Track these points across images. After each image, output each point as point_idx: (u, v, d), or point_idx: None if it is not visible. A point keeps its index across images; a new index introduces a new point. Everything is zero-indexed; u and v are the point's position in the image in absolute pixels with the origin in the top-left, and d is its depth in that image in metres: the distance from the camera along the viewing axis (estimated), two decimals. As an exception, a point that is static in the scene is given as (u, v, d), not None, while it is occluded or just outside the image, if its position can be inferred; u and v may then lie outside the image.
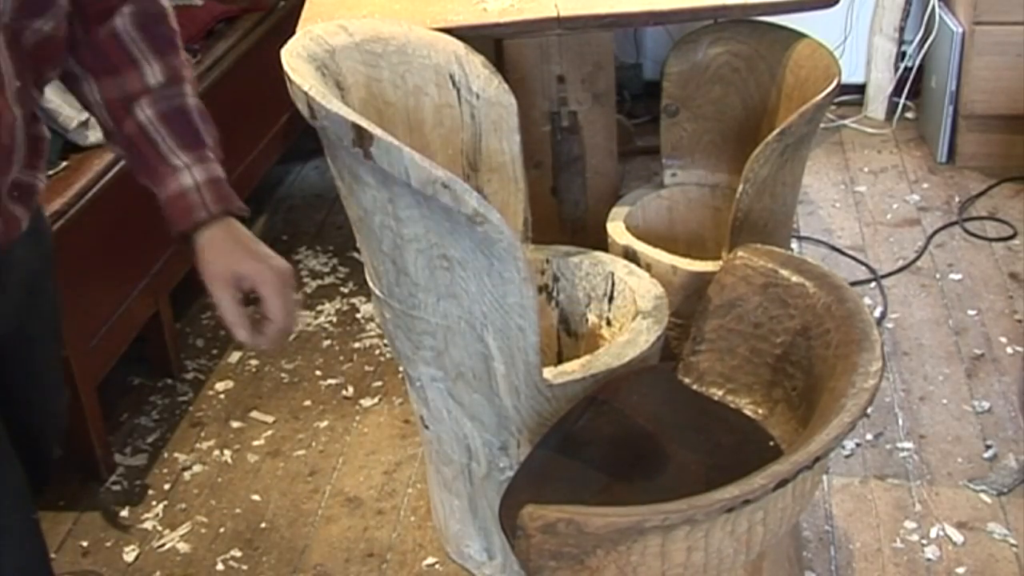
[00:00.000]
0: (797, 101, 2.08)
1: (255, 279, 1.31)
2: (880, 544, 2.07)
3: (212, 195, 1.33)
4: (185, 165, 1.33)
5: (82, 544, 2.20)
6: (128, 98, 1.35)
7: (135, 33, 1.36)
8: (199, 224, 1.32)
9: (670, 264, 2.08)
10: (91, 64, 1.35)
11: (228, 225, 1.34)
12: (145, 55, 1.35)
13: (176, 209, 1.33)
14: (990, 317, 2.68)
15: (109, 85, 1.35)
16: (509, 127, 2.06)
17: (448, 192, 1.54)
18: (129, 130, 1.35)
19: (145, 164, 1.35)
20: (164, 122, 1.34)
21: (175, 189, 1.33)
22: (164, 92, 1.35)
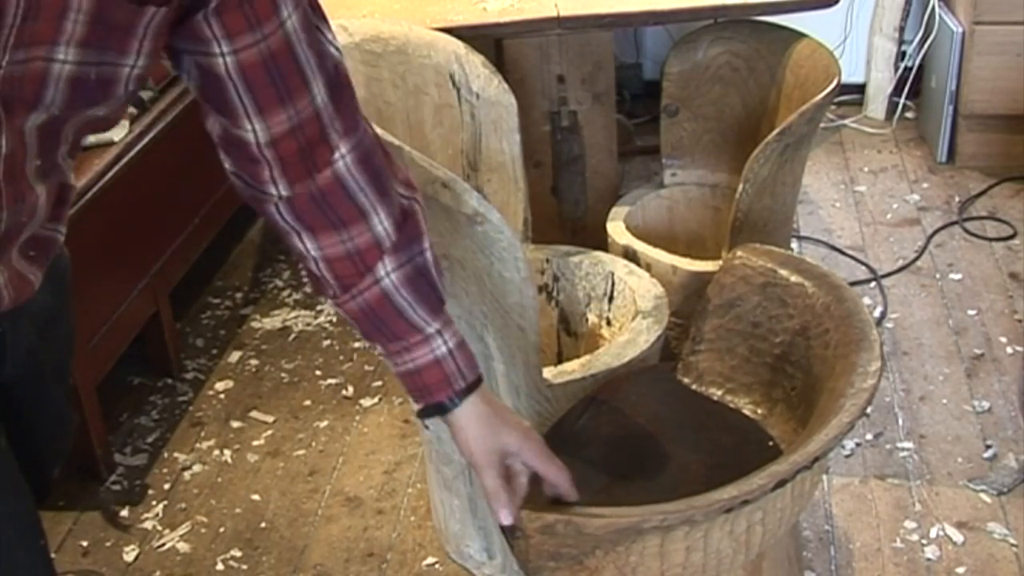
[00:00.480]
0: (797, 101, 2.08)
1: (523, 454, 1.27)
2: (880, 544, 2.07)
3: (465, 362, 1.25)
4: (437, 332, 1.23)
5: (82, 544, 2.20)
6: (361, 257, 1.20)
7: (361, 177, 1.18)
8: (457, 394, 1.25)
9: (670, 264, 2.08)
10: (308, 219, 1.18)
11: (483, 394, 1.26)
12: (373, 204, 1.18)
13: (431, 381, 1.24)
14: (990, 317, 2.68)
15: (332, 241, 1.20)
16: (509, 127, 2.06)
17: (448, 192, 1.55)
18: (369, 296, 1.22)
19: (387, 331, 1.23)
20: (410, 287, 1.21)
21: (429, 359, 1.24)
22: (405, 251, 1.21)
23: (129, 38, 1.02)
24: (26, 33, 0.97)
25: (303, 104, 1.12)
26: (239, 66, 1.08)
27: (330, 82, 1.15)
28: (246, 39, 1.07)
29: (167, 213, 2.62)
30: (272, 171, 1.16)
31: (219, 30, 1.07)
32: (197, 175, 2.76)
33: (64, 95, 1.03)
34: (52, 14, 0.97)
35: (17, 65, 0.99)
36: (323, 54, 1.14)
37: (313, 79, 1.13)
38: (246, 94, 1.10)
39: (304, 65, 1.12)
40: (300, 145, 1.14)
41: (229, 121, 1.13)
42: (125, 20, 1.01)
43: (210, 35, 1.07)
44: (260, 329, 2.84)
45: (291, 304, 2.93)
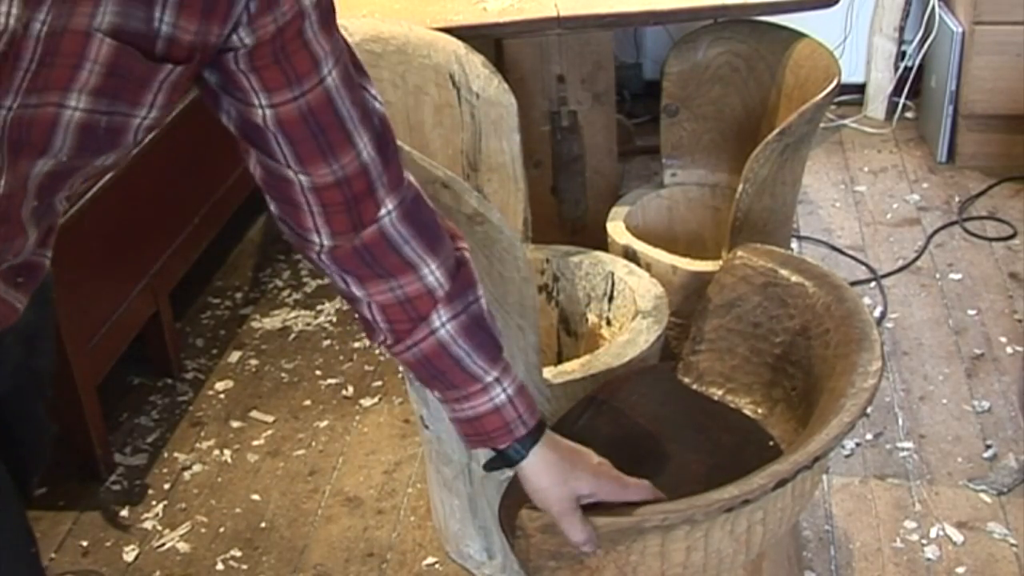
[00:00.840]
0: (797, 101, 2.08)
1: (598, 495, 1.26)
2: (880, 544, 2.07)
3: (525, 407, 1.24)
4: (496, 380, 1.23)
5: (82, 544, 2.20)
6: (412, 305, 1.20)
7: (407, 231, 1.17)
8: (519, 440, 1.25)
9: (670, 264, 2.08)
10: (354, 270, 1.19)
11: (549, 440, 1.26)
12: (421, 256, 1.18)
13: (491, 429, 1.24)
14: (990, 317, 2.68)
15: (381, 288, 1.19)
16: (509, 127, 2.06)
17: (448, 191, 1.55)
18: (425, 346, 1.21)
19: (445, 380, 1.23)
20: (466, 336, 1.20)
21: (488, 407, 1.23)
22: (460, 300, 1.21)
23: (143, 91, 1.01)
24: (41, 78, 0.96)
25: (348, 159, 1.11)
26: (278, 120, 1.08)
27: (376, 137, 1.13)
28: (285, 95, 1.06)
29: (167, 213, 2.62)
30: (315, 219, 1.15)
31: (257, 83, 1.05)
32: (197, 175, 2.76)
33: (73, 142, 1.02)
34: (68, 62, 0.96)
35: (28, 109, 0.98)
36: (367, 110, 1.13)
37: (357, 134, 1.11)
38: (287, 146, 1.09)
39: (347, 120, 1.10)
40: (346, 198, 1.13)
41: (271, 161, 1.12)
42: (141, 74, 1.00)
43: (248, 86, 1.06)
44: (260, 329, 2.84)
45: (291, 304, 2.93)
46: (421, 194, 1.20)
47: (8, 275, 1.20)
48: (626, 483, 1.27)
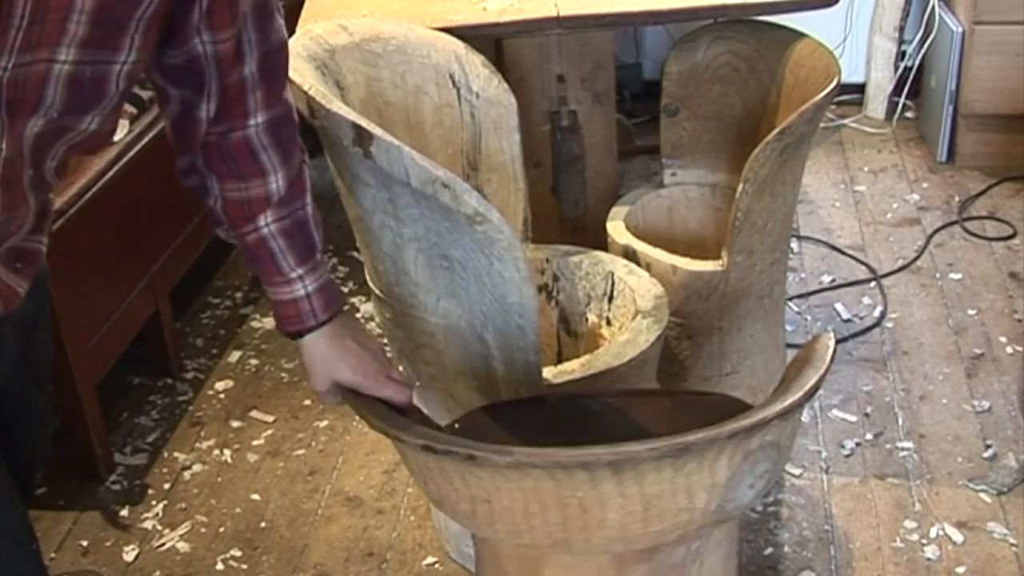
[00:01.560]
0: (797, 101, 2.08)
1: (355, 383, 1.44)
2: (880, 544, 2.07)
3: (321, 303, 1.41)
4: (299, 276, 1.40)
5: (82, 544, 2.20)
6: (250, 206, 1.37)
7: (267, 141, 1.35)
8: (309, 330, 1.42)
9: (670, 264, 2.08)
10: (218, 168, 1.35)
11: (332, 331, 1.43)
12: (273, 165, 1.35)
13: (288, 315, 1.42)
14: (990, 317, 2.68)
15: (232, 189, 1.36)
16: (509, 127, 2.05)
17: (448, 191, 1.54)
18: (249, 239, 1.39)
19: (260, 267, 1.41)
20: (284, 235, 1.38)
21: (288, 297, 1.41)
22: (288, 206, 1.38)
23: (122, 34, 1.08)
24: (33, 35, 1.00)
25: (234, 73, 1.27)
26: (216, 54, 1.22)
27: (262, 58, 1.28)
28: (226, 32, 1.21)
29: (167, 213, 2.62)
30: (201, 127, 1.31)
31: (205, 25, 1.19)
32: (197, 175, 2.76)
33: (63, 96, 1.07)
34: (57, 16, 1.00)
35: (22, 68, 1.01)
36: (270, 32, 1.28)
37: (249, 54, 1.27)
38: (215, 77, 1.25)
39: (244, 44, 1.26)
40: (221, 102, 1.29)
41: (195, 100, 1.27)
42: (121, 15, 1.06)
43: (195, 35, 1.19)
44: (260, 329, 2.84)
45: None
46: (291, 112, 1.36)
47: (7, 260, 1.24)
48: (384, 383, 1.44)
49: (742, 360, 2.19)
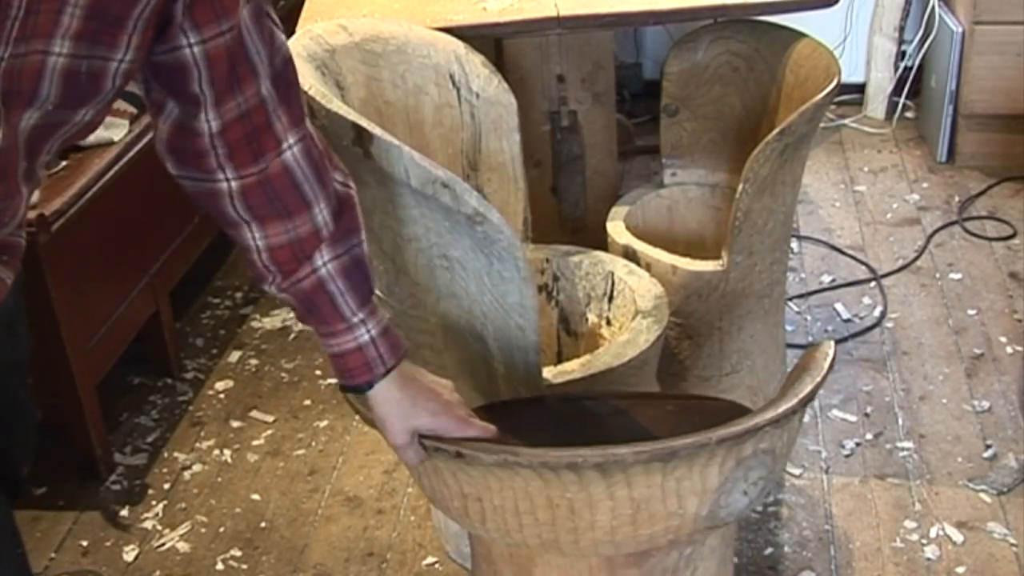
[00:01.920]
0: (797, 101, 2.08)
1: (438, 429, 1.34)
2: (880, 544, 2.07)
3: (387, 348, 1.33)
4: (361, 321, 1.31)
5: (82, 544, 2.20)
6: (302, 246, 1.27)
7: (306, 167, 1.26)
8: (377, 378, 1.33)
9: (670, 264, 2.08)
10: (261, 209, 1.25)
11: (401, 376, 1.34)
12: (316, 195, 1.26)
13: (352, 364, 1.32)
14: (990, 317, 2.68)
15: (278, 232, 1.27)
16: (509, 127, 2.06)
17: (448, 191, 1.55)
18: (306, 283, 1.29)
19: (319, 316, 1.31)
20: (343, 276, 1.29)
21: (351, 345, 1.31)
22: (343, 243, 1.29)
23: (120, 32, 1.07)
24: (28, 26, 1.00)
25: (252, 92, 1.19)
26: (206, 55, 1.15)
27: (275, 76, 1.22)
28: (213, 30, 1.14)
29: (167, 213, 2.62)
30: (220, 160, 1.21)
31: (189, 23, 1.13)
32: (197, 175, 2.76)
33: (58, 89, 1.07)
34: (52, 8, 1.01)
35: (17, 59, 1.02)
36: (274, 47, 1.22)
37: (261, 68, 1.20)
38: (208, 85, 1.16)
39: (254, 55, 1.19)
40: (247, 131, 1.21)
41: (190, 110, 1.19)
42: (118, 12, 1.05)
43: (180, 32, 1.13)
44: (260, 329, 2.84)
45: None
46: (313, 134, 1.28)
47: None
48: (468, 424, 1.34)
49: (742, 360, 2.19)
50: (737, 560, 2.05)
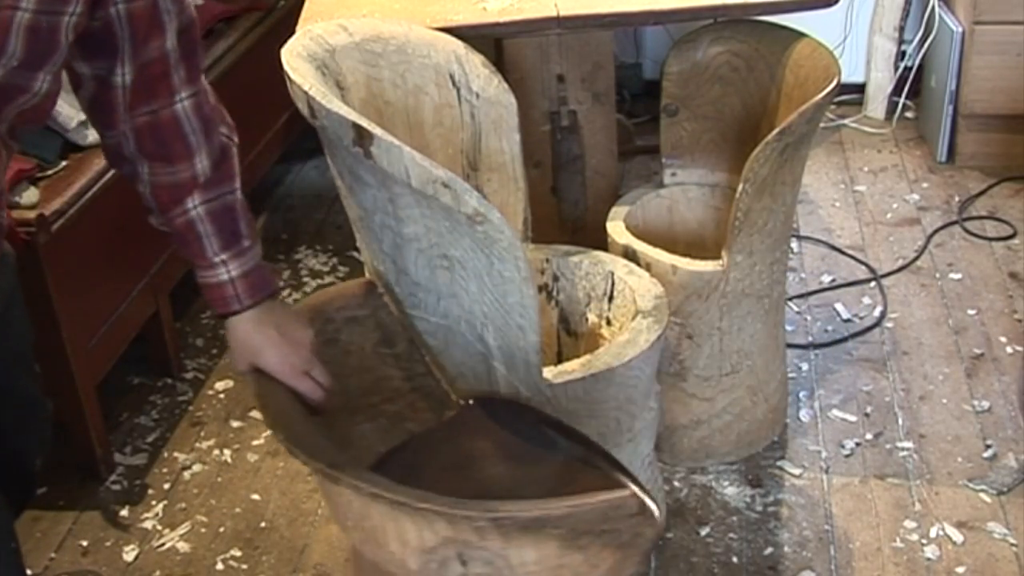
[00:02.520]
0: (797, 101, 2.08)
1: (273, 372, 1.51)
2: (880, 544, 2.07)
3: (245, 289, 1.48)
4: (222, 262, 1.46)
5: (82, 544, 2.20)
6: (178, 189, 1.43)
7: (194, 119, 1.41)
8: (233, 313, 1.49)
9: (670, 264, 2.08)
10: (148, 149, 1.41)
11: (258, 317, 1.49)
12: (199, 145, 1.42)
13: (213, 296, 1.49)
14: (990, 317, 2.68)
15: (161, 172, 1.42)
16: (509, 127, 2.06)
17: (448, 191, 1.55)
18: (178, 222, 1.45)
19: (188, 251, 1.48)
20: (211, 220, 1.45)
21: (214, 281, 1.48)
22: (215, 189, 1.45)
23: None
24: None
25: (157, 45, 1.35)
26: (129, 13, 1.30)
27: (180, 33, 1.37)
28: None
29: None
30: (126, 106, 1.38)
31: None
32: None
33: (23, 44, 1.18)
34: None
35: None
36: (182, 9, 1.37)
37: (169, 24, 1.35)
38: (128, 40, 1.32)
39: (164, 15, 1.34)
40: (146, 78, 1.37)
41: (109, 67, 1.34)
42: None
43: None
44: (260, 329, 2.83)
45: (291, 304, 2.93)
46: (208, 91, 1.44)
47: None
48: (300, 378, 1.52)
49: (742, 360, 2.19)
50: (737, 560, 2.05)
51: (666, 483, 2.22)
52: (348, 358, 1.70)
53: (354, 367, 1.70)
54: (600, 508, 1.27)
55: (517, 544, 1.29)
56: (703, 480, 2.24)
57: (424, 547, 1.32)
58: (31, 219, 2.06)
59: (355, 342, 1.72)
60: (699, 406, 2.21)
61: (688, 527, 2.13)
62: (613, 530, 1.30)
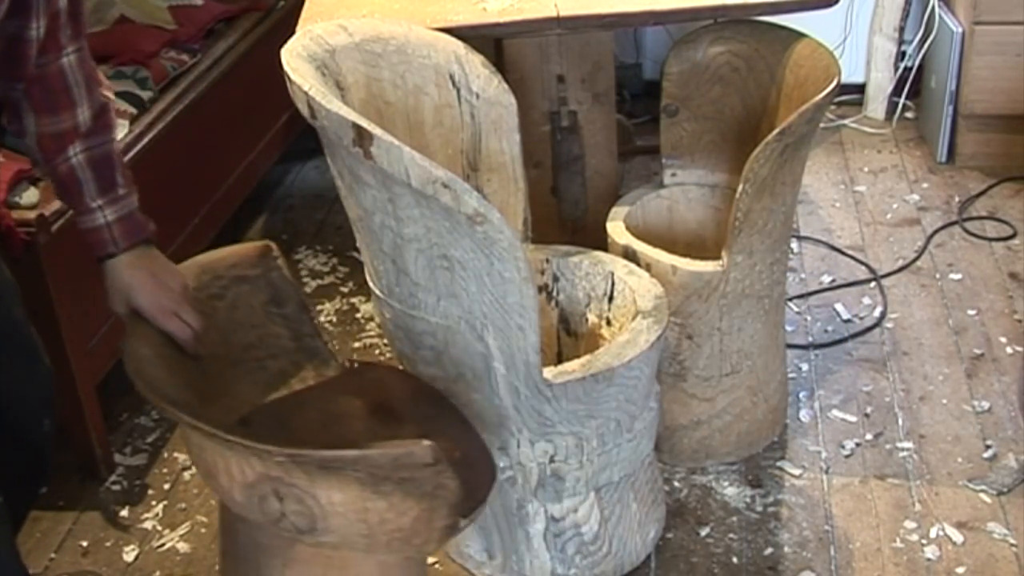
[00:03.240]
0: (797, 101, 2.08)
1: (145, 312, 1.64)
2: (880, 544, 2.07)
3: (121, 233, 1.62)
4: (99, 207, 1.60)
5: (82, 544, 2.20)
6: (61, 138, 1.57)
7: (78, 72, 1.56)
8: (109, 256, 1.62)
9: (670, 264, 2.08)
10: (37, 100, 1.55)
11: (133, 260, 1.63)
12: (81, 97, 1.57)
13: (91, 240, 1.63)
14: (990, 317, 2.68)
15: (47, 123, 1.56)
16: (509, 127, 2.06)
17: (448, 192, 1.55)
18: (61, 169, 1.59)
19: (69, 197, 1.62)
20: (90, 166, 1.59)
21: (91, 225, 1.61)
22: (94, 138, 1.59)
23: None
24: None
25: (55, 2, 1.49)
26: None
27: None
28: None
29: (166, 214, 2.62)
30: (33, 61, 1.51)
31: None
32: (196, 176, 2.76)
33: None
34: None
35: None
36: None
37: None
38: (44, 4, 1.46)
39: None
40: (40, 36, 1.48)
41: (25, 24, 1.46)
42: None
43: None
44: (260, 329, 2.83)
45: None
46: (87, 48, 1.58)
47: None
48: (169, 318, 1.63)
49: (742, 360, 2.19)
50: (737, 560, 2.05)
51: (666, 483, 2.22)
52: (234, 313, 1.79)
53: (240, 322, 1.79)
54: (390, 456, 1.41)
55: (323, 485, 1.41)
56: (703, 480, 2.24)
57: (246, 481, 1.45)
58: (31, 219, 2.06)
59: (243, 299, 1.80)
60: (699, 406, 2.21)
61: (688, 527, 2.13)
62: (411, 479, 1.41)
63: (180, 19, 2.83)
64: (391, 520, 1.43)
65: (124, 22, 2.79)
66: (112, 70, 2.57)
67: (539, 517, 1.93)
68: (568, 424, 1.83)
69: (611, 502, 1.95)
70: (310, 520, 1.43)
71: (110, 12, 2.81)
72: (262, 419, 1.71)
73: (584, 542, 1.96)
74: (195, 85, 2.72)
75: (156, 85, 2.60)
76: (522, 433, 1.83)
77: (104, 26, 2.77)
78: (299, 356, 1.81)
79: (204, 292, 1.75)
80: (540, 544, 1.95)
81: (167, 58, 2.71)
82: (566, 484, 1.89)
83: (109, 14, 2.80)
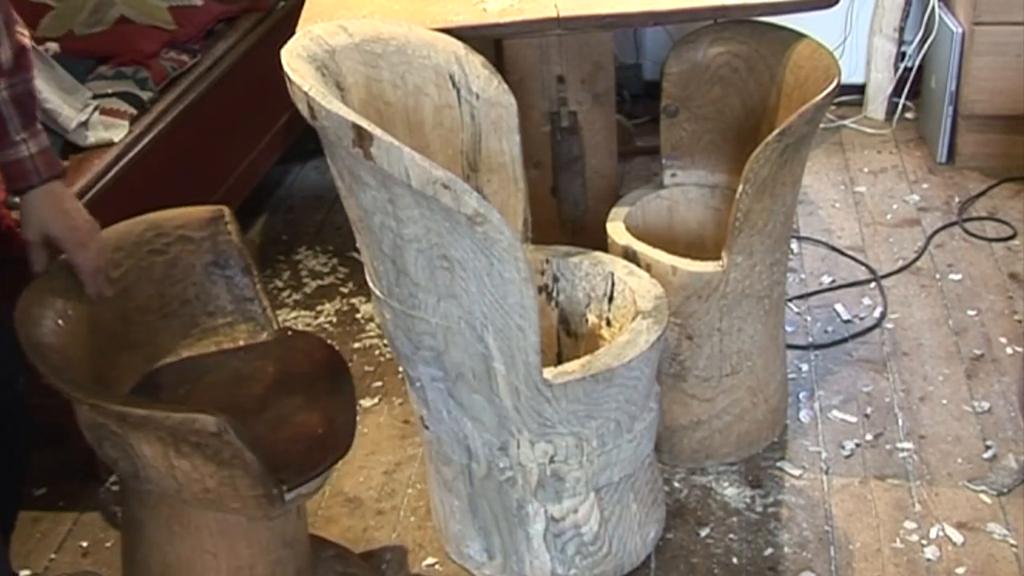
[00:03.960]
0: (797, 101, 2.08)
1: (61, 240, 1.69)
2: (880, 544, 2.07)
3: (43, 164, 1.69)
4: (23, 140, 1.67)
5: (82, 544, 2.20)
6: None
7: None
8: (31, 187, 1.68)
9: (670, 264, 2.08)
10: None
11: (51, 192, 1.69)
12: (3, 37, 1.62)
13: (15, 172, 1.68)
14: (990, 317, 2.68)
15: None
16: (509, 127, 2.06)
17: (448, 192, 1.55)
18: None
19: None
20: (14, 103, 1.66)
21: (15, 158, 1.67)
22: (17, 75, 1.66)
23: None
24: None
25: None
26: None
27: None
28: None
29: (167, 213, 2.62)
30: None
31: None
32: (195, 176, 2.76)
33: None
34: None
35: None
36: None
37: None
38: None
39: None
40: None
41: None
42: None
43: None
44: (260, 329, 2.84)
45: (291, 304, 2.93)
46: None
47: None
48: (83, 249, 1.70)
49: (742, 361, 2.19)
50: (737, 561, 2.05)
51: (666, 484, 2.22)
52: (172, 269, 1.88)
53: (177, 278, 1.88)
54: (174, 419, 1.50)
55: (135, 437, 1.56)
56: (703, 481, 2.24)
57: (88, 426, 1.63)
58: (31, 219, 2.06)
59: (185, 257, 1.89)
60: (699, 407, 2.21)
61: (688, 528, 2.13)
62: (205, 444, 1.52)
63: (180, 19, 2.84)
64: (197, 480, 1.57)
65: (124, 22, 2.79)
66: (112, 70, 2.57)
67: (539, 517, 1.93)
68: (568, 424, 1.83)
69: (611, 502, 1.96)
70: (132, 467, 1.60)
71: (110, 12, 2.81)
72: (173, 371, 1.84)
73: (584, 542, 1.96)
74: (195, 85, 2.73)
75: (156, 85, 2.60)
76: (522, 433, 1.83)
77: (104, 26, 2.77)
78: (235, 317, 1.92)
79: (146, 247, 1.86)
80: (540, 544, 1.95)
81: (167, 58, 2.71)
82: (566, 484, 1.89)
83: (109, 14, 2.80)
